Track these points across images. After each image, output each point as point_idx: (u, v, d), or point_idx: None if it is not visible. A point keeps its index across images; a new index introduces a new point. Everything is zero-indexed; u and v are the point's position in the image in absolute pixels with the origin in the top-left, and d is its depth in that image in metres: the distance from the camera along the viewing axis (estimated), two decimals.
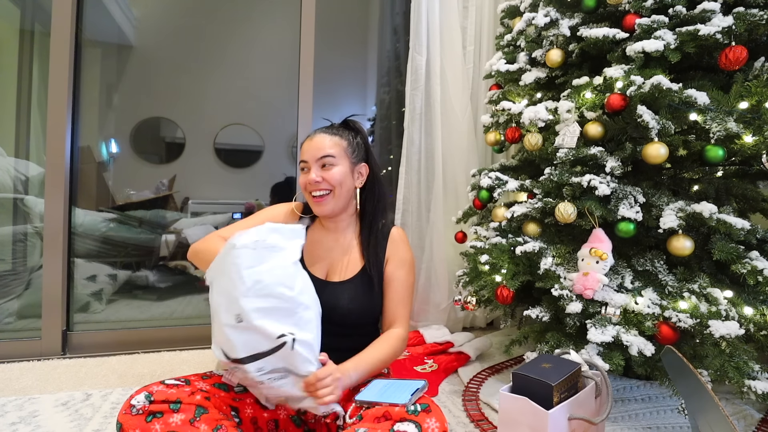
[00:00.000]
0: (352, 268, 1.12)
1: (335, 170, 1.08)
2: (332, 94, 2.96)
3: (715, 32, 1.21)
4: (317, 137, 1.11)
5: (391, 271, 1.13)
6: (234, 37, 2.64)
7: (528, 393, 0.96)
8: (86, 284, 2.20)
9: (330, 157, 1.08)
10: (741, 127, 1.18)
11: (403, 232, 1.19)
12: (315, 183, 1.08)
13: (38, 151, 2.19)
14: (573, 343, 1.31)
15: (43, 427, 1.28)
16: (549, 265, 1.36)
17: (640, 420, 1.38)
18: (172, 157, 2.61)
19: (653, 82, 1.22)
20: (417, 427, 0.80)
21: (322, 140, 1.10)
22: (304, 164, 1.11)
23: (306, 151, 1.10)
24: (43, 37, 2.11)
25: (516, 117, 1.61)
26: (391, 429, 0.80)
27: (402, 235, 1.18)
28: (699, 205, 1.22)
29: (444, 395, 1.58)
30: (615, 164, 1.32)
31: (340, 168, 1.09)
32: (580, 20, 1.55)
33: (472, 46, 2.36)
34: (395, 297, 1.12)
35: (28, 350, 1.84)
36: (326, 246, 1.15)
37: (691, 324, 1.15)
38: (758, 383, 1.13)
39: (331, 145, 1.09)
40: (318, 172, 1.08)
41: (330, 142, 1.10)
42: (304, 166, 1.11)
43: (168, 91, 2.58)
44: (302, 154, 1.12)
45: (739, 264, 1.19)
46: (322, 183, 1.08)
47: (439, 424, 0.83)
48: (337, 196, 1.09)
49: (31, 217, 2.10)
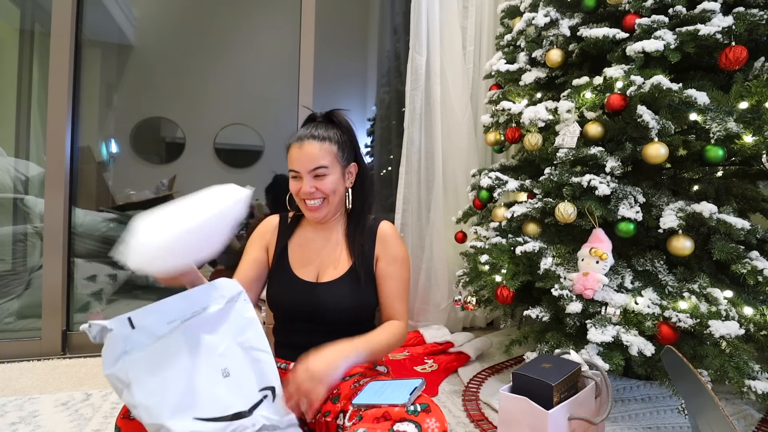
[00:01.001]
0: (341, 267, 1.11)
1: (328, 180, 1.06)
2: (332, 94, 2.96)
3: (715, 32, 1.21)
4: (307, 145, 1.05)
5: (383, 268, 1.12)
6: (234, 37, 2.64)
7: (528, 393, 0.96)
8: (86, 284, 2.20)
9: (323, 168, 1.05)
10: (741, 127, 1.18)
11: (393, 227, 1.17)
12: (309, 194, 1.06)
13: (38, 151, 2.19)
14: (573, 343, 1.31)
15: (43, 427, 1.28)
16: (549, 265, 1.36)
17: (640, 420, 1.38)
18: (172, 157, 2.61)
19: (653, 82, 1.22)
20: (417, 427, 0.80)
21: (313, 149, 1.05)
22: (296, 173, 1.07)
23: (296, 161, 1.06)
24: (43, 37, 2.11)
25: (516, 117, 1.61)
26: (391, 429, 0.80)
27: (392, 230, 1.16)
28: (699, 205, 1.22)
29: (444, 395, 1.58)
30: (615, 164, 1.32)
31: (332, 177, 1.07)
32: (580, 20, 1.55)
33: (472, 46, 2.37)
34: (390, 293, 1.11)
35: (28, 350, 1.84)
36: (316, 246, 1.14)
37: (691, 324, 1.15)
38: (758, 383, 1.13)
39: (322, 155, 1.05)
40: (311, 182, 1.05)
41: (321, 150, 1.05)
42: (296, 175, 1.07)
43: (168, 91, 2.58)
44: (292, 163, 1.07)
45: (739, 264, 1.19)
46: (316, 193, 1.06)
47: (439, 424, 0.82)
48: (331, 202, 1.09)
49: (31, 217, 2.10)
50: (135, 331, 0.78)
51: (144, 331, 0.78)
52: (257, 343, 0.89)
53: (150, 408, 0.72)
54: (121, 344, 0.76)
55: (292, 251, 1.13)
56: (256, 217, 2.72)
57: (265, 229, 1.17)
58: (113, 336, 0.76)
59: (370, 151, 3.00)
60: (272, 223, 1.18)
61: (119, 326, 0.77)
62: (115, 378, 0.74)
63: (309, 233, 1.16)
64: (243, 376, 0.85)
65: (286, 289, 1.09)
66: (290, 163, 1.07)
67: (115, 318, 0.78)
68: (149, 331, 0.79)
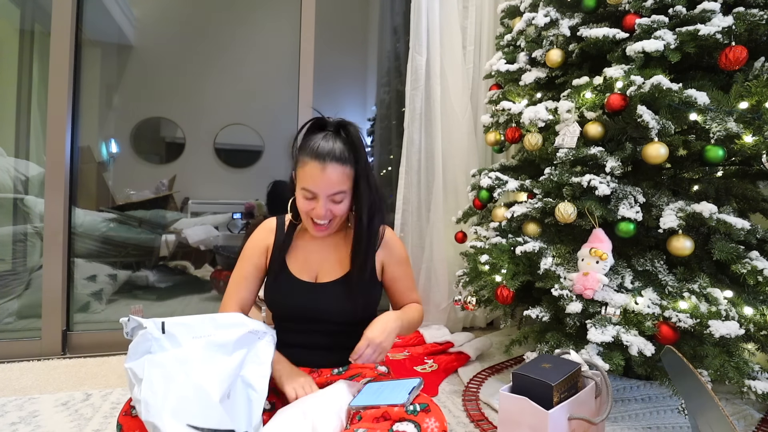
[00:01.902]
0: (340, 268, 1.11)
1: (343, 205, 1.05)
2: (332, 94, 2.96)
3: (715, 32, 1.21)
4: (330, 169, 0.99)
5: (393, 271, 1.16)
6: (234, 37, 2.64)
7: (528, 393, 0.96)
8: (86, 284, 2.20)
9: (341, 194, 1.02)
10: (741, 127, 1.18)
11: (391, 231, 1.19)
12: (323, 216, 1.03)
13: (38, 151, 2.19)
14: (573, 343, 1.31)
15: (43, 427, 1.28)
16: (549, 265, 1.36)
17: (640, 420, 1.38)
18: (172, 157, 2.61)
19: (653, 82, 1.22)
20: (416, 427, 0.80)
21: (335, 174, 1.00)
22: (311, 194, 1.02)
23: (315, 183, 1.00)
24: (43, 37, 2.11)
25: (516, 117, 1.61)
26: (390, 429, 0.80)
27: (392, 234, 1.18)
28: (699, 205, 1.22)
29: (444, 395, 1.58)
30: (615, 164, 1.32)
31: (347, 201, 1.05)
32: (580, 20, 1.55)
33: (472, 46, 2.36)
34: (404, 290, 1.18)
35: (28, 350, 1.84)
36: (315, 248, 1.14)
37: (691, 324, 1.14)
38: (758, 383, 1.13)
39: (343, 180, 1.02)
40: (327, 205, 1.02)
41: (342, 175, 1.01)
42: (311, 196, 1.02)
43: (168, 91, 2.59)
44: (308, 182, 1.01)
45: (739, 264, 1.19)
46: (329, 214, 1.04)
47: (438, 423, 0.83)
48: (337, 222, 1.08)
49: (31, 217, 2.10)
50: (164, 336, 0.85)
51: (171, 337, 0.86)
52: (256, 384, 0.93)
53: (150, 405, 0.76)
54: (149, 344, 0.83)
55: (291, 252, 1.14)
56: (256, 217, 2.72)
57: (263, 232, 1.17)
58: (144, 334, 0.83)
59: (370, 151, 3.00)
60: (270, 227, 1.18)
61: (152, 327, 0.84)
62: (132, 372, 0.80)
63: (308, 235, 1.16)
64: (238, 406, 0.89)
65: (284, 290, 1.09)
66: (305, 182, 1.01)
67: (151, 319, 0.85)
68: (175, 338, 0.86)
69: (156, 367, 0.80)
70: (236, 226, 2.72)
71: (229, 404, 0.86)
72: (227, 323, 0.95)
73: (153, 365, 0.80)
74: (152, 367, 0.80)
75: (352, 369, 1.09)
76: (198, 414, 0.79)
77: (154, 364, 0.80)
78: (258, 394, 0.91)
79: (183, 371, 0.82)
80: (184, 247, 2.55)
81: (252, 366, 0.94)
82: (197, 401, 0.80)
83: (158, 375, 0.79)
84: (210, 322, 0.92)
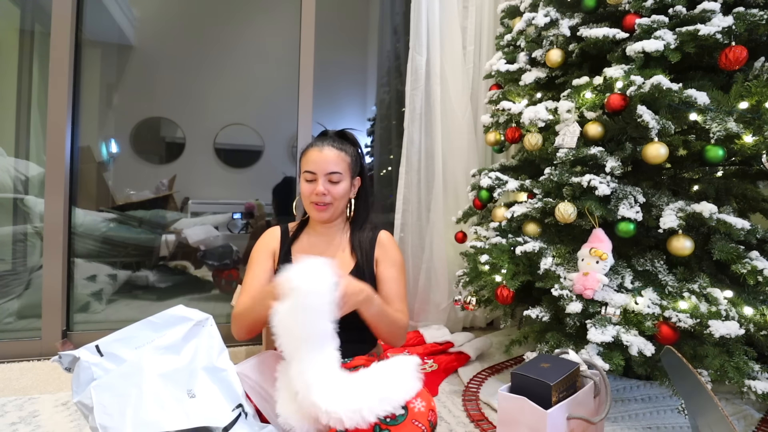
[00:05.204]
0: (345, 267, 1.18)
1: (340, 186, 1.17)
2: (332, 94, 2.96)
3: (715, 32, 1.21)
4: (326, 150, 1.16)
5: (383, 270, 1.20)
6: (234, 37, 2.64)
7: (527, 393, 0.96)
8: (86, 284, 2.20)
9: (338, 174, 1.16)
10: (741, 127, 1.18)
11: (390, 235, 1.27)
12: (321, 195, 1.15)
13: (38, 151, 2.19)
14: (573, 343, 1.31)
15: (43, 427, 1.29)
16: (549, 265, 1.36)
17: (640, 420, 1.38)
18: (172, 157, 2.61)
19: (653, 82, 1.22)
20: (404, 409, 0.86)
21: (332, 155, 1.16)
22: (312, 175, 1.16)
23: (315, 163, 1.16)
24: (43, 37, 2.11)
25: (516, 117, 1.61)
26: None
27: (390, 237, 1.27)
28: (699, 205, 1.22)
29: (444, 395, 1.58)
30: (615, 164, 1.32)
31: (344, 184, 1.18)
32: (580, 20, 1.55)
33: (472, 46, 2.36)
34: (390, 293, 1.18)
35: (28, 350, 1.84)
36: (320, 249, 1.22)
37: (691, 324, 1.14)
38: (758, 383, 1.13)
39: (338, 161, 1.17)
40: (325, 185, 1.15)
41: (338, 157, 1.17)
42: (312, 178, 1.16)
43: (168, 91, 2.58)
44: (309, 164, 1.16)
45: (739, 264, 1.19)
46: (327, 196, 1.16)
47: (425, 403, 0.89)
48: (336, 207, 1.19)
49: (31, 217, 2.10)
50: (103, 359, 0.82)
51: (111, 357, 0.83)
52: (222, 364, 0.94)
53: (110, 428, 0.74)
54: (90, 372, 0.80)
55: (297, 254, 1.19)
56: (256, 217, 2.72)
57: (269, 238, 1.24)
58: (81, 365, 0.80)
59: (370, 151, 3.00)
60: (275, 234, 1.25)
61: (87, 354, 0.81)
62: (82, 405, 0.77)
63: (312, 238, 1.24)
64: (211, 398, 0.88)
65: None
66: (307, 165, 1.17)
67: (83, 347, 0.82)
68: (116, 356, 0.84)
69: (104, 391, 0.78)
70: (236, 226, 2.72)
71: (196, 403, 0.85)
72: (168, 322, 0.94)
73: (100, 390, 0.78)
74: (100, 392, 0.77)
75: (355, 361, 1.13)
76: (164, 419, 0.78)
77: (101, 389, 0.78)
78: (228, 371, 0.93)
79: (134, 385, 0.80)
80: (184, 247, 2.55)
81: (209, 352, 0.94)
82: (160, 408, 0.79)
83: (108, 398, 0.77)
84: (148, 327, 0.91)
